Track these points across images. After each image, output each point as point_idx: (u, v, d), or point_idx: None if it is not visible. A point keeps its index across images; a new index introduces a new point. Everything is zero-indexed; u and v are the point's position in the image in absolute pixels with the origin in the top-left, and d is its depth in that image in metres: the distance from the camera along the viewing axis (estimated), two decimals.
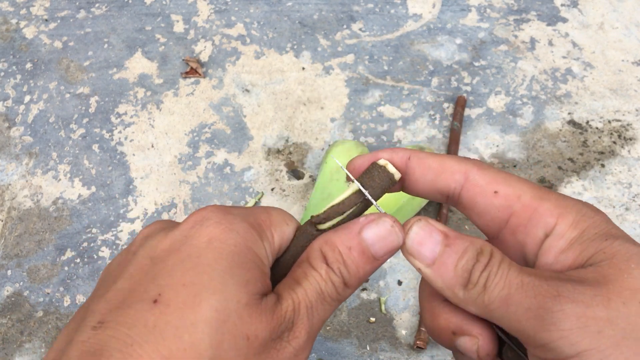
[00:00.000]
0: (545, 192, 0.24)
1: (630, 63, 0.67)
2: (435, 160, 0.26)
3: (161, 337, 0.21)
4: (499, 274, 0.22)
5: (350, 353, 0.50)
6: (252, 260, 0.24)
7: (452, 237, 0.24)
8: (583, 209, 0.24)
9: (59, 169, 0.61)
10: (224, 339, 0.21)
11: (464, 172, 0.25)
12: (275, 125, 0.64)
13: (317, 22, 0.72)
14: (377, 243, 0.25)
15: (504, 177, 0.25)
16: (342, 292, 0.25)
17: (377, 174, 0.26)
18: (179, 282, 0.22)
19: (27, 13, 0.74)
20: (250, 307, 0.22)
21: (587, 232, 0.23)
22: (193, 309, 0.21)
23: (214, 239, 0.23)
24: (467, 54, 0.68)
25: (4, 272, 0.55)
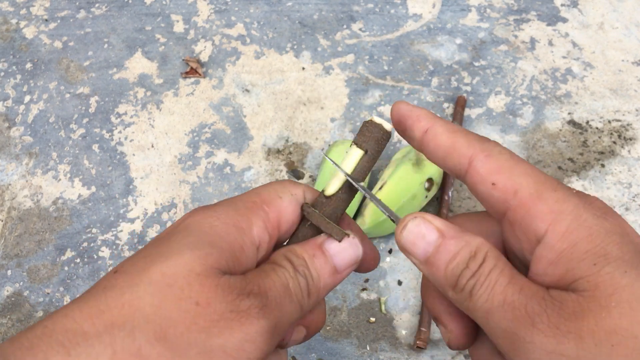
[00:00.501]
0: (546, 187, 0.23)
1: (630, 63, 0.67)
2: (448, 139, 0.26)
3: (104, 295, 0.22)
4: (485, 284, 0.22)
5: (350, 353, 0.50)
6: (226, 241, 0.24)
7: (447, 237, 0.23)
8: (582, 214, 0.22)
9: (59, 169, 0.61)
10: (166, 299, 0.22)
11: (469, 157, 0.25)
12: (275, 125, 0.64)
13: (317, 22, 0.72)
14: (338, 254, 0.26)
15: (508, 167, 0.24)
16: (306, 299, 0.25)
17: (374, 133, 0.27)
18: (142, 255, 0.23)
19: (27, 13, 0.74)
20: (203, 277, 0.22)
21: (579, 248, 0.21)
22: (141, 273, 0.22)
23: (191, 222, 0.25)
24: (467, 54, 0.68)
25: (4, 272, 0.55)
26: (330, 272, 0.26)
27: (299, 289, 0.25)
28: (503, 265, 0.22)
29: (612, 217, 0.22)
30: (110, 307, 0.21)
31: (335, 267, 0.26)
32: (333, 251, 0.26)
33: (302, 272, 0.25)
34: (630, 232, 0.22)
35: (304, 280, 0.25)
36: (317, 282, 0.25)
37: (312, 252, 0.25)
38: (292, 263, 0.25)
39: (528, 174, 0.23)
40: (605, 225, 0.22)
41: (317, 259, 0.25)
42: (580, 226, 0.21)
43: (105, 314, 0.21)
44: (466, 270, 0.23)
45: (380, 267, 0.54)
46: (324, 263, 0.25)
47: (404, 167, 0.53)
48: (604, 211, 0.22)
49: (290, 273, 0.25)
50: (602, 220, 0.22)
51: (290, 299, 0.24)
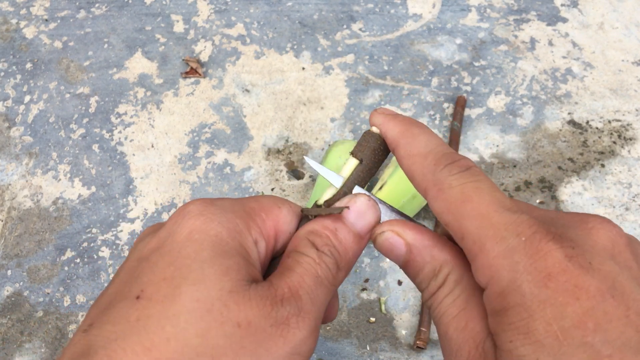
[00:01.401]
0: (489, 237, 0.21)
1: (630, 63, 0.67)
2: (406, 165, 0.25)
3: (144, 330, 0.20)
4: (437, 309, 0.23)
5: (350, 353, 0.50)
6: (234, 248, 0.23)
7: (414, 252, 0.24)
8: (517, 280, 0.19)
9: (59, 169, 0.61)
10: (210, 327, 0.21)
11: (423, 189, 0.24)
12: (275, 125, 0.64)
13: (317, 22, 0.72)
14: (358, 221, 0.25)
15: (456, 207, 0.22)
16: (337, 275, 0.25)
17: (371, 144, 0.27)
18: (160, 277, 0.22)
19: (27, 13, 0.74)
20: (236, 294, 0.22)
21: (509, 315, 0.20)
22: (174, 300, 0.21)
23: (194, 231, 0.23)
24: (467, 54, 0.68)
25: (4, 272, 0.55)
26: (356, 240, 0.25)
27: (329, 271, 0.24)
28: (459, 292, 0.23)
29: (558, 282, 0.19)
30: (156, 343, 0.20)
31: (359, 233, 0.25)
32: (353, 218, 0.25)
33: (329, 252, 0.24)
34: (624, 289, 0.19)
35: (331, 260, 0.24)
36: (345, 255, 0.25)
37: (333, 227, 0.25)
38: (315, 245, 0.24)
39: (475, 216, 0.21)
40: (541, 295, 0.19)
41: (339, 232, 0.25)
42: (513, 292, 0.20)
43: (152, 352, 0.20)
44: (426, 290, 0.24)
45: (380, 267, 0.54)
46: (347, 233, 0.25)
47: None
48: (547, 273, 0.19)
49: (316, 259, 0.24)
50: (540, 288, 0.19)
51: (322, 287, 0.24)
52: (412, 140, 0.25)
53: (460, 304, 0.22)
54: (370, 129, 0.27)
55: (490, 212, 0.21)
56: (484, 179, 0.23)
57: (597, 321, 0.18)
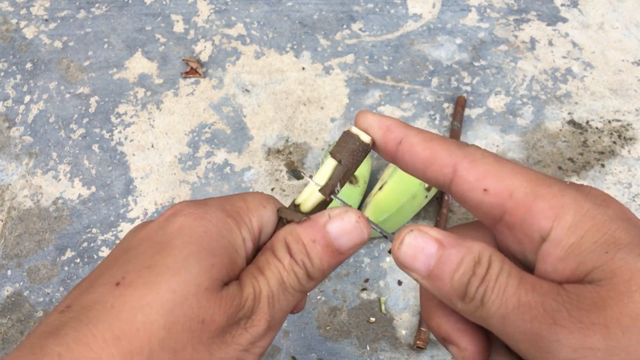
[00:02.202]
0: (542, 185, 0.22)
1: (630, 63, 0.67)
2: (426, 149, 0.24)
3: (116, 316, 0.21)
4: (495, 289, 0.21)
5: (350, 353, 0.50)
6: (223, 246, 0.24)
7: (447, 246, 0.22)
8: (584, 206, 0.21)
9: (59, 169, 0.61)
10: (178, 320, 0.21)
11: (452, 165, 0.24)
12: (275, 125, 0.64)
13: (317, 22, 0.72)
14: (341, 237, 0.25)
15: (497, 170, 0.23)
16: (305, 284, 0.25)
17: (350, 144, 0.26)
18: (144, 264, 0.23)
19: (27, 13, 0.74)
20: (210, 292, 0.22)
21: (587, 239, 0.20)
22: (151, 289, 0.22)
23: (184, 226, 0.24)
24: (467, 54, 0.68)
25: (4, 272, 0.55)
26: (334, 255, 0.25)
27: (296, 280, 0.25)
28: (510, 267, 0.21)
29: (613, 204, 0.21)
30: (125, 332, 0.21)
31: (338, 249, 0.25)
32: (336, 233, 0.25)
33: (301, 262, 0.25)
34: (632, 217, 0.21)
35: (301, 270, 0.25)
36: (318, 267, 0.25)
37: (313, 237, 0.25)
38: (290, 250, 0.25)
39: (518, 174, 0.22)
40: (608, 212, 0.21)
41: (317, 244, 0.25)
42: (584, 217, 0.21)
43: (122, 341, 0.20)
44: (474, 277, 0.21)
45: (380, 267, 0.54)
46: (325, 246, 0.25)
47: None
48: (603, 199, 0.22)
49: (286, 266, 0.24)
50: (604, 208, 0.21)
51: (286, 293, 0.24)
52: (422, 130, 0.25)
53: (517, 275, 0.21)
54: (349, 129, 0.27)
55: (530, 170, 0.23)
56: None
57: None
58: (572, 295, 0.20)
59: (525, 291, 0.20)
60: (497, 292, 0.21)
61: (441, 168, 0.24)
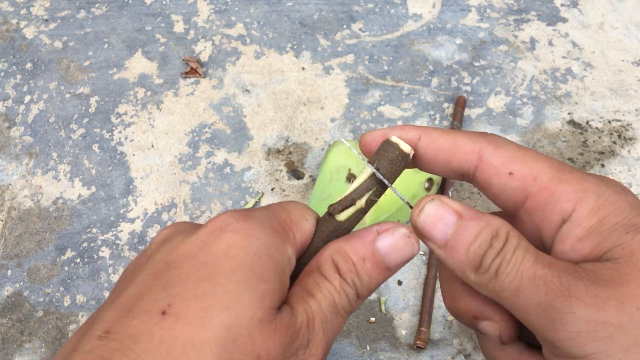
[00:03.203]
0: (565, 171, 0.23)
1: (630, 63, 0.67)
2: (448, 140, 0.25)
3: (166, 353, 0.20)
4: (511, 262, 0.21)
5: (350, 353, 0.50)
6: (272, 269, 0.22)
7: (466, 218, 0.22)
8: (606, 192, 0.22)
9: (59, 169, 0.61)
10: (232, 358, 0.20)
11: (477, 151, 0.24)
12: (275, 125, 0.64)
13: (317, 22, 0.72)
14: (391, 254, 0.24)
15: (521, 155, 0.23)
16: (354, 304, 0.24)
17: (389, 153, 0.25)
18: (191, 293, 0.21)
19: (27, 13, 0.74)
20: (263, 324, 0.21)
21: (608, 221, 0.21)
22: (203, 324, 0.20)
23: (232, 246, 0.22)
24: (467, 54, 0.68)
25: (4, 272, 0.55)
26: (383, 272, 0.24)
27: (347, 301, 0.24)
28: (527, 244, 0.22)
29: (631, 194, 0.23)
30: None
31: (387, 265, 0.24)
32: (386, 250, 0.24)
33: (351, 282, 0.23)
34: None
35: (352, 290, 0.24)
36: (368, 286, 0.24)
37: (362, 254, 0.24)
38: (339, 270, 0.24)
39: (542, 161, 0.23)
40: (628, 199, 0.22)
41: (367, 261, 0.24)
42: (605, 202, 0.22)
43: None
44: (490, 249, 0.22)
45: None
46: (375, 264, 0.24)
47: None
48: (622, 188, 0.22)
49: (337, 287, 0.23)
50: (624, 195, 0.22)
51: (337, 315, 0.23)
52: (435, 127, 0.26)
53: (533, 251, 0.21)
54: (398, 144, 0.25)
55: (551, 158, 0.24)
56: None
57: None
58: (589, 271, 0.20)
59: (541, 266, 0.21)
60: (512, 265, 0.21)
61: (465, 156, 0.24)
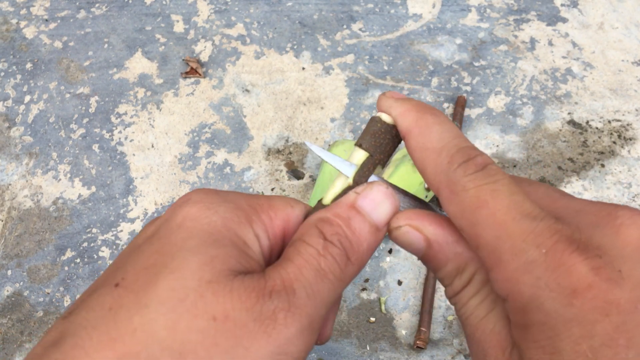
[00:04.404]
0: (506, 251, 0.19)
1: (630, 63, 0.67)
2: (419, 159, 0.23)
3: (113, 319, 0.20)
4: (463, 309, 0.22)
5: (350, 353, 0.50)
6: (227, 237, 0.22)
7: (435, 249, 0.22)
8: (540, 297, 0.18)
9: (59, 169, 0.61)
10: (181, 319, 0.19)
11: (436, 188, 0.23)
12: (275, 125, 0.64)
13: (317, 22, 0.72)
14: (375, 210, 0.23)
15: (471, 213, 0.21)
16: (346, 269, 0.22)
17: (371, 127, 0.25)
18: (143, 265, 0.21)
19: (27, 13, 0.74)
20: (215, 284, 0.20)
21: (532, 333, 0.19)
22: (147, 290, 0.20)
23: (187, 217, 0.22)
24: (467, 54, 0.68)
25: (4, 272, 0.55)
26: (372, 231, 0.23)
27: (335, 264, 0.21)
28: (486, 294, 0.21)
29: (585, 299, 0.18)
30: (122, 334, 0.19)
31: (375, 224, 0.23)
32: (369, 207, 0.23)
33: (338, 242, 0.22)
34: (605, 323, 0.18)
35: (340, 252, 0.22)
36: (358, 247, 0.22)
37: (346, 214, 0.22)
38: (324, 233, 0.22)
39: (490, 225, 0.20)
40: (566, 314, 0.18)
41: (353, 220, 0.22)
42: (536, 309, 0.18)
43: (117, 343, 0.19)
44: (450, 287, 0.22)
45: (380, 267, 0.54)
46: (362, 222, 0.22)
47: (404, 167, 0.53)
48: (573, 289, 0.18)
49: (320, 250, 0.21)
50: (565, 307, 0.18)
51: (326, 281, 0.21)
52: (425, 130, 0.23)
53: (487, 306, 0.21)
54: (377, 115, 0.25)
55: (508, 221, 0.20)
56: (501, 178, 0.21)
57: (629, 336, 0.17)
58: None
59: (482, 330, 0.21)
60: (463, 312, 0.22)
61: (428, 184, 0.23)
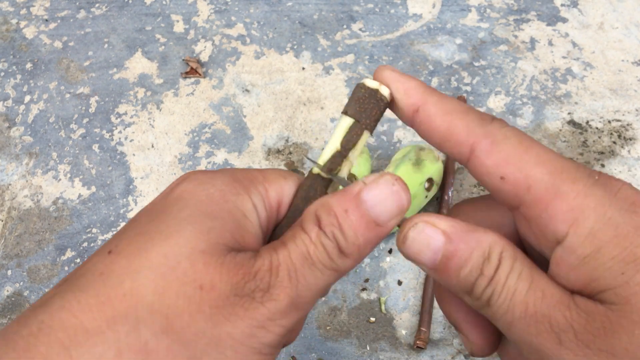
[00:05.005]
0: (566, 180, 0.20)
1: (630, 63, 0.67)
2: (443, 122, 0.22)
3: (103, 283, 0.20)
4: (503, 293, 0.20)
5: (350, 353, 0.50)
6: (226, 210, 0.22)
7: (455, 239, 0.21)
8: (608, 211, 0.19)
9: (59, 169, 0.61)
10: (170, 285, 0.20)
11: (470, 144, 0.22)
12: (275, 125, 0.64)
13: (317, 22, 0.72)
14: (377, 206, 0.22)
15: (517, 156, 0.21)
16: (338, 260, 0.22)
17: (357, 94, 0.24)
18: (137, 232, 0.21)
19: (27, 13, 0.74)
20: (208, 256, 0.20)
21: (604, 252, 0.19)
22: (140, 255, 0.20)
23: (184, 191, 0.22)
24: (467, 54, 0.68)
25: (4, 272, 0.55)
26: (370, 227, 0.22)
27: (325, 254, 0.21)
28: (521, 267, 0.20)
29: (638, 211, 0.19)
30: (111, 297, 0.19)
31: (375, 219, 0.22)
32: (372, 202, 0.22)
33: (330, 233, 0.21)
34: None
35: (331, 243, 0.21)
36: (353, 240, 0.22)
37: (345, 206, 0.22)
38: (320, 222, 0.22)
39: (541, 163, 0.20)
40: (633, 221, 0.19)
41: (351, 213, 0.21)
42: (605, 226, 0.19)
43: (105, 306, 0.19)
44: (481, 277, 0.20)
45: (380, 267, 0.54)
46: (360, 217, 0.22)
47: (404, 167, 0.53)
48: (632, 202, 0.19)
49: (313, 237, 0.21)
50: (631, 215, 0.19)
51: (313, 269, 0.21)
52: (444, 98, 0.23)
53: (527, 276, 0.20)
54: (363, 82, 0.24)
55: (556, 157, 0.20)
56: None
57: None
58: (581, 313, 0.19)
59: (533, 299, 0.19)
60: (504, 297, 0.20)
61: (458, 146, 0.22)
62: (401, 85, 0.24)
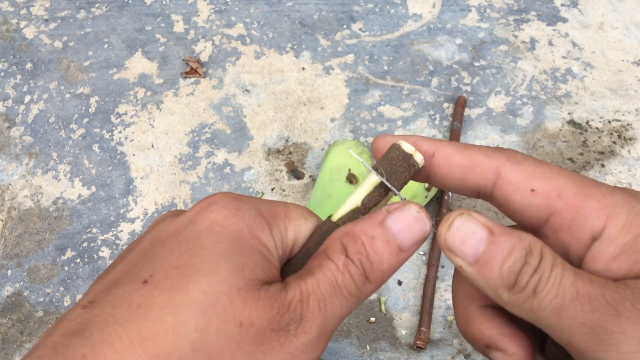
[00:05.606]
0: (590, 186, 0.22)
1: (630, 63, 0.67)
2: (464, 156, 0.24)
3: (143, 317, 0.20)
4: (551, 279, 0.20)
5: (350, 353, 0.50)
6: (254, 246, 0.22)
7: (497, 234, 0.21)
8: (636, 206, 0.21)
9: (59, 169, 0.61)
10: (211, 322, 0.20)
11: (495, 168, 0.23)
12: (275, 125, 0.64)
13: (317, 22, 0.72)
14: (402, 232, 0.23)
15: (542, 171, 0.22)
16: (363, 287, 0.22)
17: (390, 154, 0.24)
18: (172, 264, 0.21)
19: (27, 13, 0.74)
20: (244, 292, 0.21)
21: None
22: (180, 290, 0.20)
23: (215, 223, 0.22)
24: (467, 54, 0.68)
25: (4, 272, 0.55)
26: (395, 253, 0.23)
27: (352, 282, 0.22)
28: (562, 261, 0.21)
29: None
30: (153, 333, 0.19)
31: (399, 245, 0.23)
32: (397, 229, 0.23)
33: (358, 261, 0.22)
34: None
35: (358, 271, 0.22)
36: (378, 267, 0.22)
37: (371, 234, 0.22)
38: (346, 250, 0.22)
39: (565, 176, 0.22)
40: None
41: (377, 240, 0.22)
42: (637, 216, 0.21)
43: (149, 342, 0.19)
44: (526, 266, 0.21)
45: None
46: (386, 243, 0.22)
47: None
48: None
49: (340, 267, 0.22)
50: None
51: (340, 297, 0.22)
52: (450, 142, 0.25)
53: (571, 267, 0.21)
54: (399, 144, 0.24)
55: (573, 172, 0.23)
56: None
57: None
58: (633, 288, 0.20)
59: (583, 283, 0.20)
60: (552, 282, 0.20)
61: (482, 173, 0.23)
62: (409, 139, 0.25)
